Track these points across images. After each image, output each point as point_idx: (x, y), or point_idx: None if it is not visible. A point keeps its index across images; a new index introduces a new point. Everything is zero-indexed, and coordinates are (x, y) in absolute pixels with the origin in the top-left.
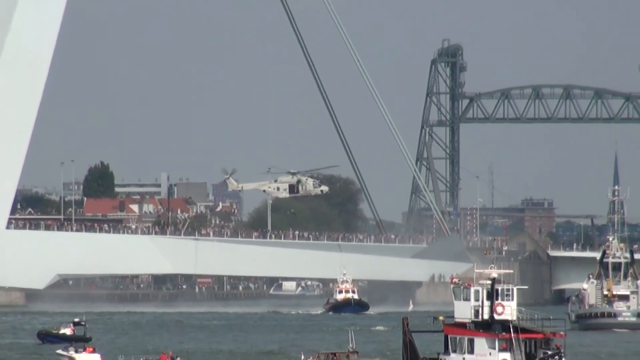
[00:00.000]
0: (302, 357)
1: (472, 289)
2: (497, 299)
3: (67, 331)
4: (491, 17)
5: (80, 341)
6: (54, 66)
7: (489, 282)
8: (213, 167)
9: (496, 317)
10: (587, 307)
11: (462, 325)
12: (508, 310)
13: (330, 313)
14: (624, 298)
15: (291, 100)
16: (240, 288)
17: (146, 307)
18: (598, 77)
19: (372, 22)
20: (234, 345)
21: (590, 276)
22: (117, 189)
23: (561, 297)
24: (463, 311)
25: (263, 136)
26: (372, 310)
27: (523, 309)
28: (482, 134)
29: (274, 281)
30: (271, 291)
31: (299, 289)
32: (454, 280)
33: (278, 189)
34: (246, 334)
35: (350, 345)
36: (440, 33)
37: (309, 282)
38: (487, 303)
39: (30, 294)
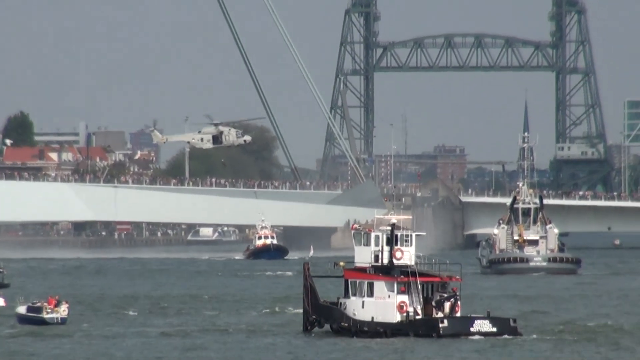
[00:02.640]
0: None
1: (373, 235)
2: (396, 245)
3: None
4: None
5: None
6: None
7: (389, 228)
8: (131, 117)
9: (395, 262)
10: (497, 252)
11: (362, 270)
12: (407, 256)
13: (251, 259)
14: (534, 243)
15: (207, 50)
16: (159, 234)
17: (66, 254)
18: (508, 26)
19: None
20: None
21: (501, 221)
22: (36, 138)
23: (473, 242)
24: (363, 256)
25: (180, 86)
26: (290, 255)
27: (421, 255)
28: (396, 83)
29: (192, 227)
30: (189, 237)
31: (216, 234)
32: (355, 226)
33: (202, 140)
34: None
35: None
36: None
37: (225, 228)
38: (386, 248)
39: None
